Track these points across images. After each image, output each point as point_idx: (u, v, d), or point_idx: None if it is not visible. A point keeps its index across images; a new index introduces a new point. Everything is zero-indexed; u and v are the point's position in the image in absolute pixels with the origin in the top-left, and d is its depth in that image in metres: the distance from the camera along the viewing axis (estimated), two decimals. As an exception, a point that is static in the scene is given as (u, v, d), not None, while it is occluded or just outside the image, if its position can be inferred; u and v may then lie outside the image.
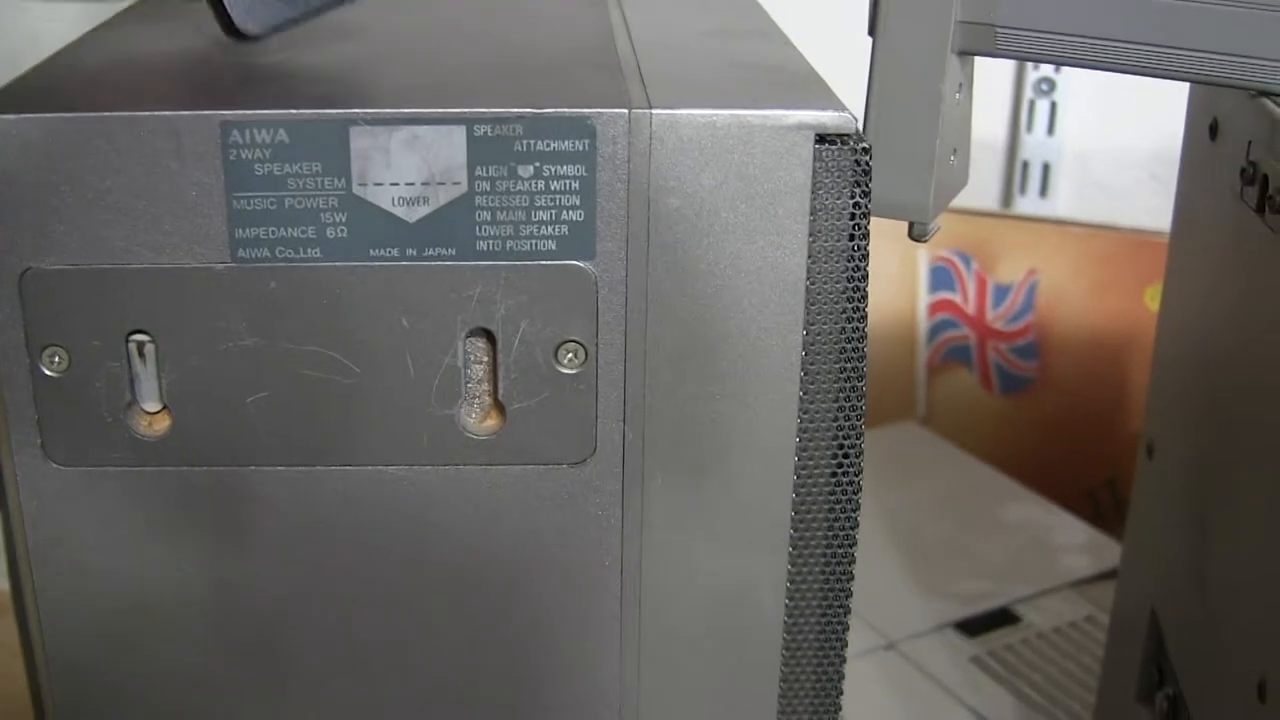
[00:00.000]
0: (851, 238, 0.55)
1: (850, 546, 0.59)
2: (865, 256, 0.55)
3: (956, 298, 1.34)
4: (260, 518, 0.57)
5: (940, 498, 1.14)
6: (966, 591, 1.01)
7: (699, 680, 0.60)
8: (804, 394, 0.56)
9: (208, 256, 0.53)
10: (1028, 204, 1.35)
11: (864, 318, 0.56)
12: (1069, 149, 1.33)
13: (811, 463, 0.57)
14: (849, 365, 0.56)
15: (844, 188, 0.54)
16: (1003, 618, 0.99)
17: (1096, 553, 1.06)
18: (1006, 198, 1.36)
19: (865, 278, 0.56)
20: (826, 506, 0.58)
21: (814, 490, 0.58)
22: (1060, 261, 1.30)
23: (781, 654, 0.60)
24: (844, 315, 0.56)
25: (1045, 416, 1.33)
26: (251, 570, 0.58)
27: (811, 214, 0.54)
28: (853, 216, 0.55)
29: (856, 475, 0.58)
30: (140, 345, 0.54)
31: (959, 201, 1.33)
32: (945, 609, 0.99)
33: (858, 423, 0.57)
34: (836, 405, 0.57)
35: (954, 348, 1.35)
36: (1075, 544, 1.07)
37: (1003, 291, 1.32)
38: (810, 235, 0.54)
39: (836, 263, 0.55)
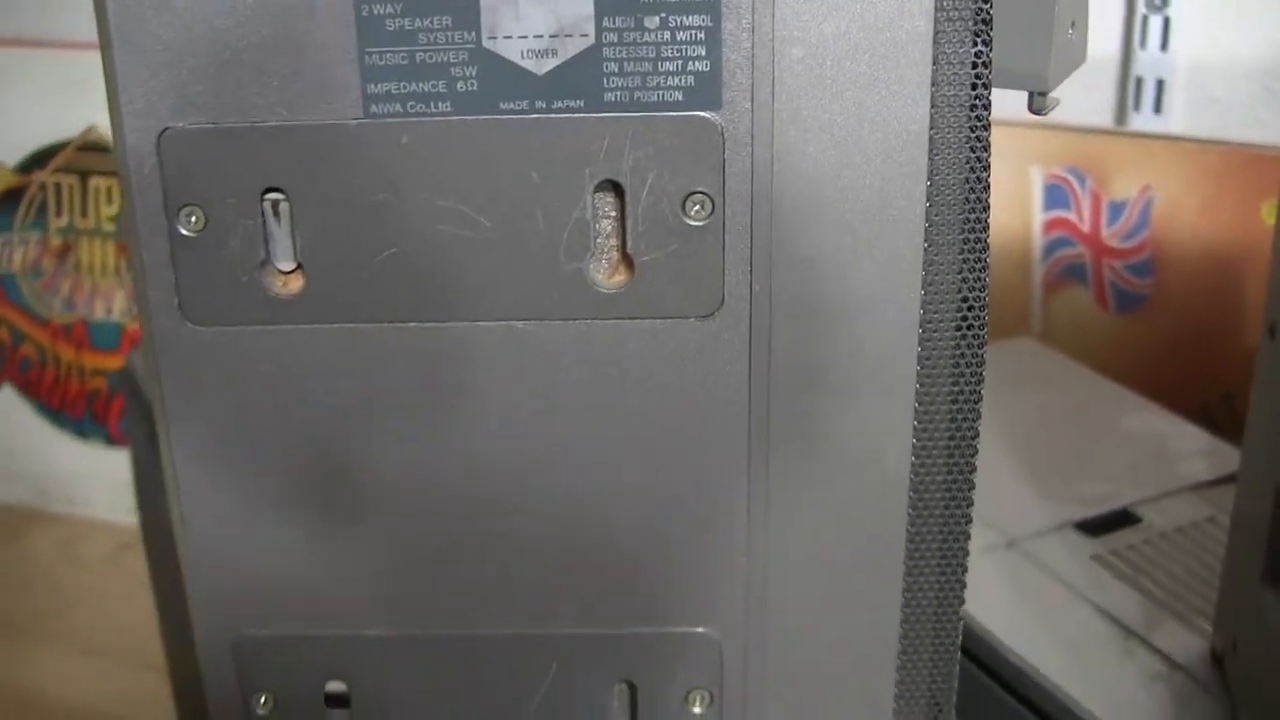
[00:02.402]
0: (974, 87, 0.55)
1: (975, 403, 0.59)
2: (988, 107, 0.56)
3: (1071, 215, 1.33)
4: (390, 373, 0.58)
5: (1058, 408, 1.14)
6: (1086, 494, 1.00)
7: (825, 534, 0.61)
8: (928, 245, 0.56)
9: (340, 113, 0.54)
10: (1141, 121, 1.34)
11: (986, 168, 0.56)
12: (1182, 65, 1.32)
13: (936, 315, 0.58)
14: (972, 217, 0.57)
15: (965, 36, 0.55)
16: (1123, 519, 0.98)
17: (1216, 458, 1.05)
18: (1120, 115, 1.35)
19: (987, 129, 0.56)
20: (951, 360, 0.59)
21: (939, 342, 0.58)
22: (1175, 178, 1.29)
23: (908, 512, 0.60)
24: (967, 166, 0.56)
25: (1160, 333, 1.32)
26: (381, 425, 0.59)
27: (933, 63, 0.54)
28: (974, 66, 0.55)
29: (981, 329, 0.58)
30: (275, 204, 0.56)
31: (1072, 118, 1.32)
32: (1065, 510, 0.99)
33: (982, 275, 0.58)
34: (960, 257, 0.57)
35: (1069, 266, 1.34)
36: (1195, 450, 1.06)
37: (1117, 209, 1.31)
38: (932, 85, 0.55)
39: (959, 113, 0.55)
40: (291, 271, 0.57)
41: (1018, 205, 1.35)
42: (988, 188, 0.57)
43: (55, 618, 1.57)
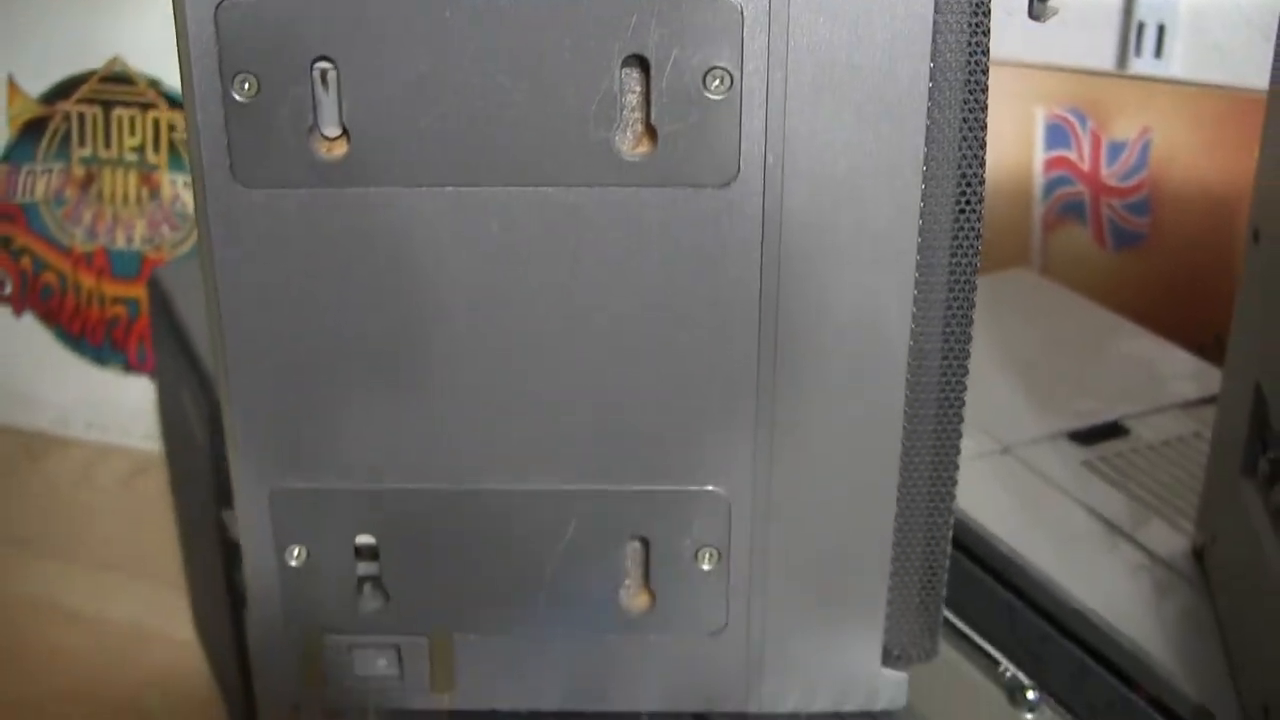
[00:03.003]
0: (977, -25, 0.59)
1: (971, 275, 0.63)
2: (990, -4, 0.59)
3: (1071, 155, 1.37)
4: (428, 235, 0.62)
5: (1053, 332, 1.18)
6: (1078, 408, 1.04)
7: (828, 397, 0.65)
8: (930, 123, 0.60)
9: (387, -13, 0.58)
10: (1142, 65, 1.38)
11: (986, 53, 0.60)
12: (1184, 9, 1.36)
13: (937, 190, 0.62)
14: (971, 99, 0.61)
15: (970, -76, 0.58)
16: (1113, 430, 1.02)
17: (1205, 380, 1.09)
18: (1122, 58, 1.39)
19: (988, 14, 0.60)
20: (950, 234, 0.63)
21: (939, 216, 0.62)
22: (1174, 120, 1.33)
23: (906, 378, 0.64)
24: (968, 49, 0.60)
25: (1156, 272, 1.36)
26: (417, 285, 0.63)
27: (939, -49, 0.58)
28: (979, -46, 0.59)
29: (978, 205, 0.62)
30: (324, 73, 0.59)
31: (1074, 61, 1.36)
32: (1057, 421, 1.03)
33: (980, 153, 0.62)
34: (960, 135, 0.61)
35: (1069, 204, 1.38)
36: (1184, 373, 1.10)
37: (1117, 149, 1.35)
38: (939, -29, 0.59)
39: (962, 2, 0.59)
40: (337, 138, 0.61)
41: (1020, 144, 1.39)
42: (986, 71, 0.61)
43: (75, 537, 1.61)
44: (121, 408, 1.78)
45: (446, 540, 0.68)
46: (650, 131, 0.60)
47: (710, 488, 0.66)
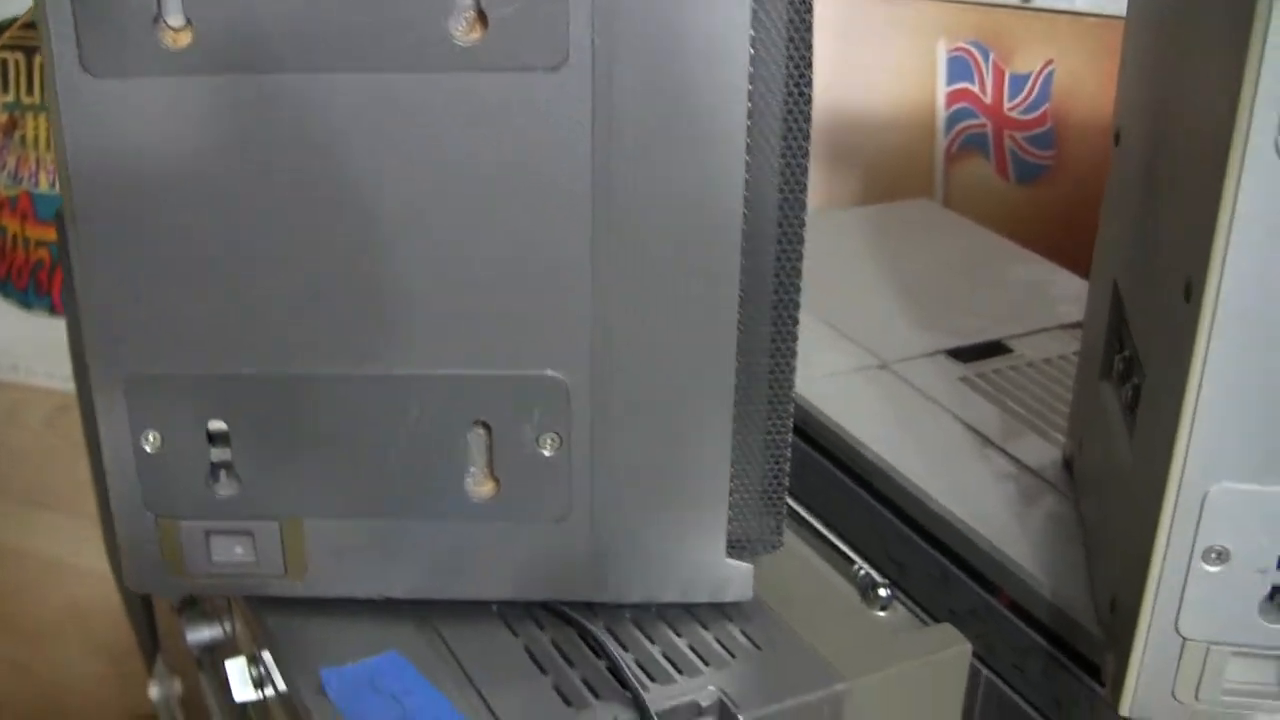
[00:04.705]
0: None
1: (803, 156, 0.64)
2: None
3: (974, 87, 1.39)
4: (271, 122, 0.63)
5: (946, 258, 1.19)
6: (962, 327, 1.06)
7: (664, 279, 0.66)
8: (756, 5, 0.61)
9: None
10: None
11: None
12: (1086, -56, 1.37)
13: (766, 73, 0.63)
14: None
15: None
16: (995, 349, 1.04)
17: (1093, 303, 1.11)
18: (1026, -7, 1.40)
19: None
20: (781, 114, 0.64)
21: (769, 96, 0.63)
22: (1077, 52, 1.34)
23: (741, 260, 0.65)
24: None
25: (1059, 204, 1.37)
26: (259, 171, 0.64)
27: None
28: None
29: (807, 88, 0.63)
30: (164, -41, 0.60)
31: (978, -5, 1.37)
32: (939, 339, 1.04)
33: (806, 36, 0.63)
34: (786, 19, 0.62)
35: (971, 136, 1.40)
36: (1074, 295, 1.11)
37: (1019, 81, 1.37)
38: None
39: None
40: (182, 28, 0.62)
41: (922, 77, 1.40)
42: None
43: (8, 478, 1.62)
44: (45, 349, 1.79)
45: (293, 425, 0.69)
46: (481, 17, 0.61)
47: (549, 372, 0.67)
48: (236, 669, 0.76)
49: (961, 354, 1.01)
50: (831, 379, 0.98)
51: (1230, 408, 0.62)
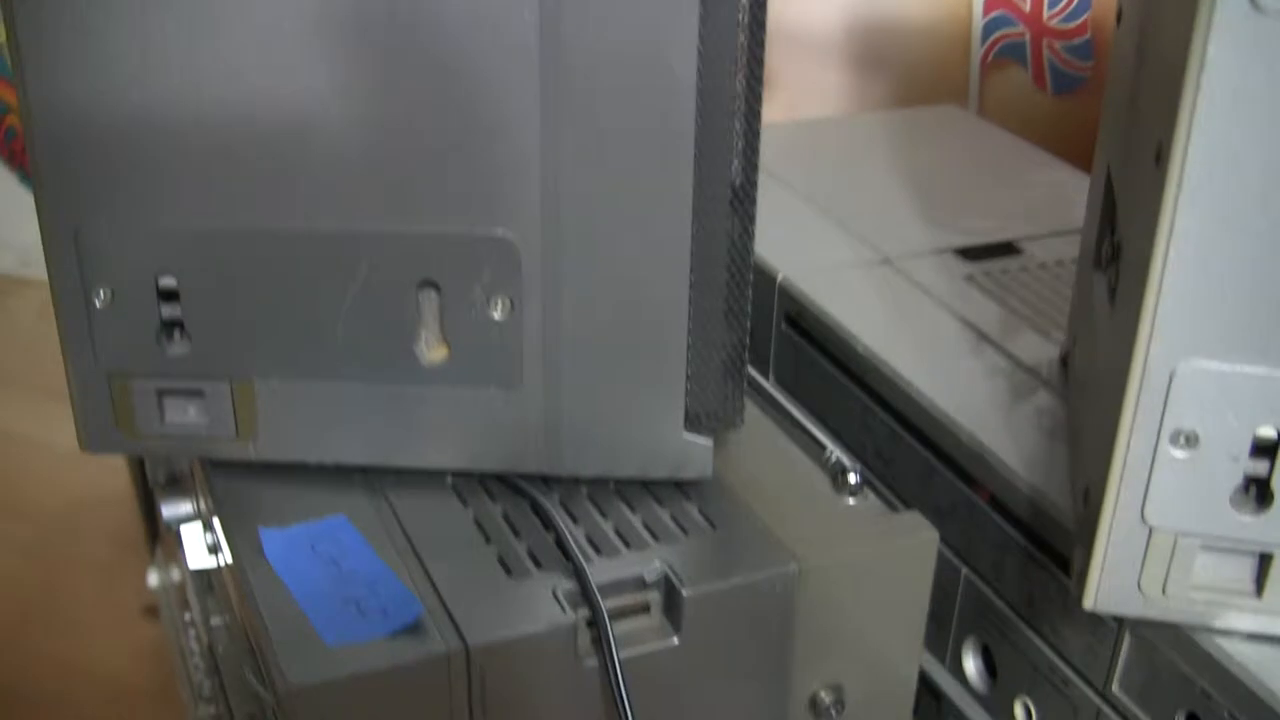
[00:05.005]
0: None
1: (761, 8, 0.62)
2: None
3: (1013, -6, 1.35)
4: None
5: (967, 161, 1.16)
6: (974, 227, 1.03)
7: (616, 138, 0.64)
8: None
9: None
10: (1091, -95, 1.35)
11: None
12: None
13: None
14: None
15: None
16: (1005, 249, 1.01)
17: (1114, 209, 1.07)
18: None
19: None
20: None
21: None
22: (1119, -40, 1.29)
23: (696, 120, 0.63)
24: None
25: (1095, 116, 1.33)
26: (203, 14, 0.62)
27: None
28: None
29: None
30: None
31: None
32: (948, 238, 1.01)
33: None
34: None
35: (1009, 44, 1.36)
36: (1095, 201, 1.08)
37: (1059, -11, 1.33)
38: None
39: None
40: None
41: (960, -18, 1.36)
42: None
43: (31, 369, 1.62)
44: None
45: (243, 282, 0.67)
46: None
47: (499, 232, 0.65)
48: (192, 534, 0.75)
49: (969, 253, 0.98)
50: (829, 272, 0.95)
51: (1198, 280, 0.59)
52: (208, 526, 0.74)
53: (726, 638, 0.66)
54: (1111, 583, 0.66)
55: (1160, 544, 0.64)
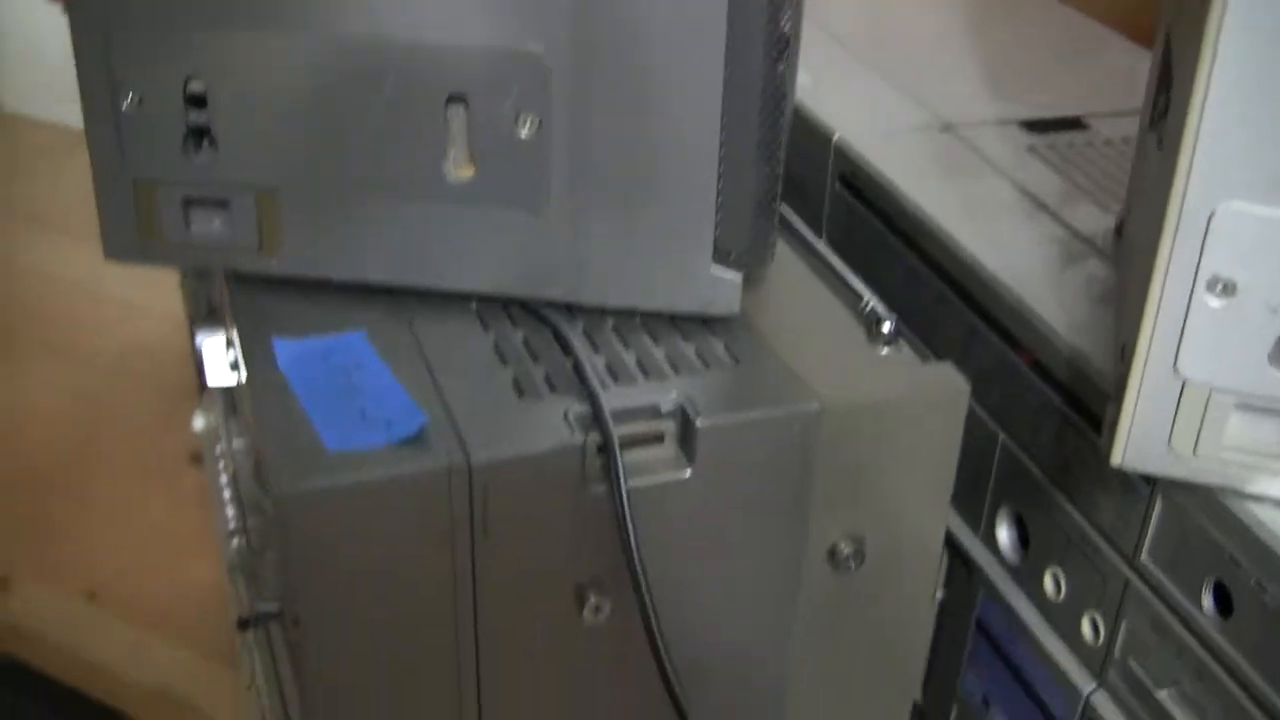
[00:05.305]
0: None
1: None
2: None
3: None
4: None
5: (1041, 36, 1.13)
6: (1041, 100, 1.00)
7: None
8: None
9: None
10: None
11: None
12: None
13: None
14: None
15: None
16: (1071, 124, 0.98)
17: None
18: None
19: None
20: None
21: None
22: None
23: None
24: None
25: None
26: None
27: None
28: None
29: None
30: None
31: None
32: (1013, 109, 0.98)
33: None
34: None
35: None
36: (1170, 83, 1.04)
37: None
38: None
39: None
40: None
41: None
42: None
43: (91, 221, 1.64)
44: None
45: (271, 89, 0.66)
46: None
47: (529, 47, 0.64)
48: (213, 348, 0.74)
49: (1034, 126, 0.96)
50: (888, 136, 0.93)
51: (1240, 119, 0.56)
52: (230, 343, 0.73)
53: (742, 475, 0.65)
54: (1141, 439, 0.64)
55: (1193, 399, 0.62)
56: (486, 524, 0.61)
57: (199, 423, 1.13)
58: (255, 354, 0.66)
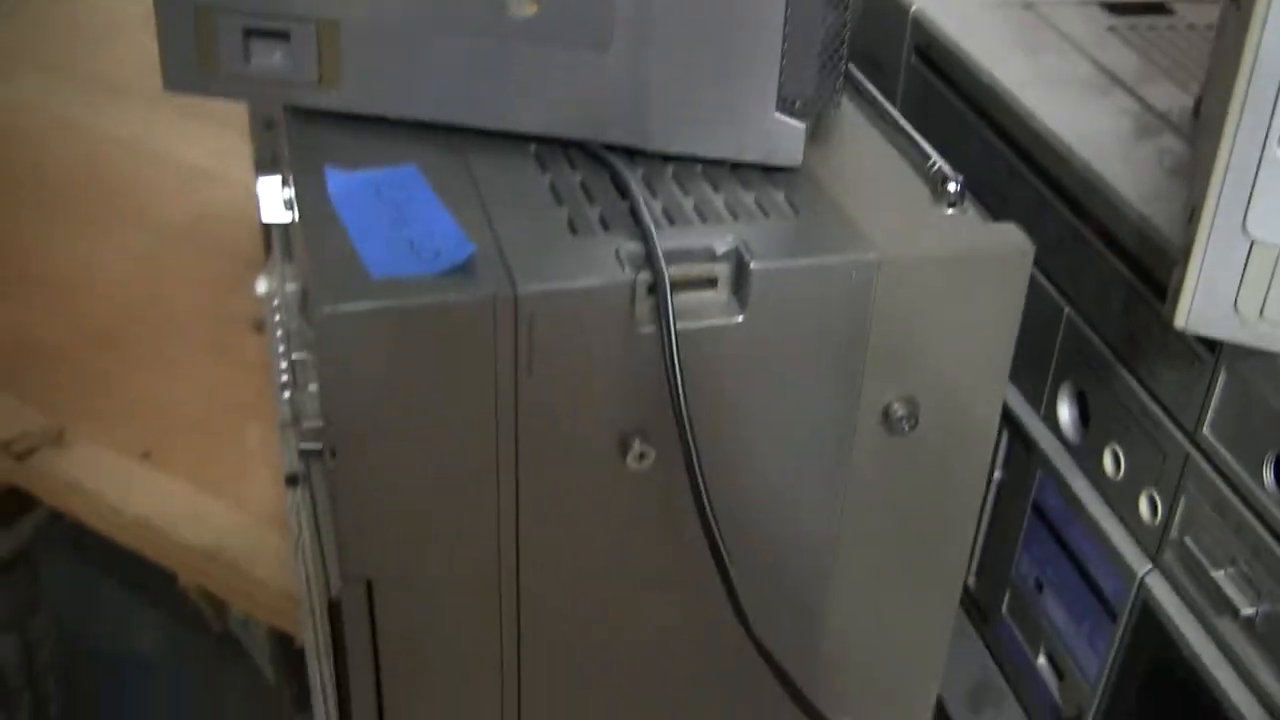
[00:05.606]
0: None
1: None
2: None
3: None
4: None
5: None
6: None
7: None
8: None
9: None
10: None
11: None
12: None
13: None
14: None
15: None
16: (1156, 8, 0.95)
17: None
18: None
19: None
20: None
21: None
22: None
23: None
24: None
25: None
26: None
27: None
28: None
29: None
30: None
31: None
32: (1096, -11, 0.96)
33: None
34: None
35: None
36: None
37: None
38: None
39: None
40: None
41: None
42: None
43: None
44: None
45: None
46: None
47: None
48: (269, 186, 0.73)
49: (1117, 8, 0.94)
50: (966, 8, 0.91)
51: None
52: (285, 181, 0.73)
53: (795, 324, 0.64)
54: (1206, 300, 0.62)
55: (1261, 260, 0.60)
56: (531, 361, 0.60)
57: (261, 285, 1.13)
58: (308, 187, 0.65)
